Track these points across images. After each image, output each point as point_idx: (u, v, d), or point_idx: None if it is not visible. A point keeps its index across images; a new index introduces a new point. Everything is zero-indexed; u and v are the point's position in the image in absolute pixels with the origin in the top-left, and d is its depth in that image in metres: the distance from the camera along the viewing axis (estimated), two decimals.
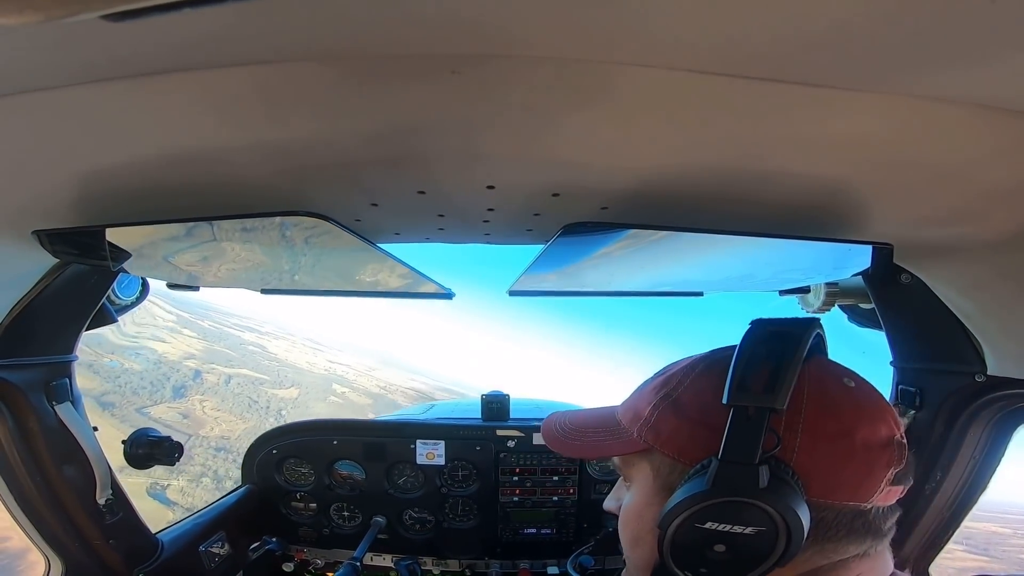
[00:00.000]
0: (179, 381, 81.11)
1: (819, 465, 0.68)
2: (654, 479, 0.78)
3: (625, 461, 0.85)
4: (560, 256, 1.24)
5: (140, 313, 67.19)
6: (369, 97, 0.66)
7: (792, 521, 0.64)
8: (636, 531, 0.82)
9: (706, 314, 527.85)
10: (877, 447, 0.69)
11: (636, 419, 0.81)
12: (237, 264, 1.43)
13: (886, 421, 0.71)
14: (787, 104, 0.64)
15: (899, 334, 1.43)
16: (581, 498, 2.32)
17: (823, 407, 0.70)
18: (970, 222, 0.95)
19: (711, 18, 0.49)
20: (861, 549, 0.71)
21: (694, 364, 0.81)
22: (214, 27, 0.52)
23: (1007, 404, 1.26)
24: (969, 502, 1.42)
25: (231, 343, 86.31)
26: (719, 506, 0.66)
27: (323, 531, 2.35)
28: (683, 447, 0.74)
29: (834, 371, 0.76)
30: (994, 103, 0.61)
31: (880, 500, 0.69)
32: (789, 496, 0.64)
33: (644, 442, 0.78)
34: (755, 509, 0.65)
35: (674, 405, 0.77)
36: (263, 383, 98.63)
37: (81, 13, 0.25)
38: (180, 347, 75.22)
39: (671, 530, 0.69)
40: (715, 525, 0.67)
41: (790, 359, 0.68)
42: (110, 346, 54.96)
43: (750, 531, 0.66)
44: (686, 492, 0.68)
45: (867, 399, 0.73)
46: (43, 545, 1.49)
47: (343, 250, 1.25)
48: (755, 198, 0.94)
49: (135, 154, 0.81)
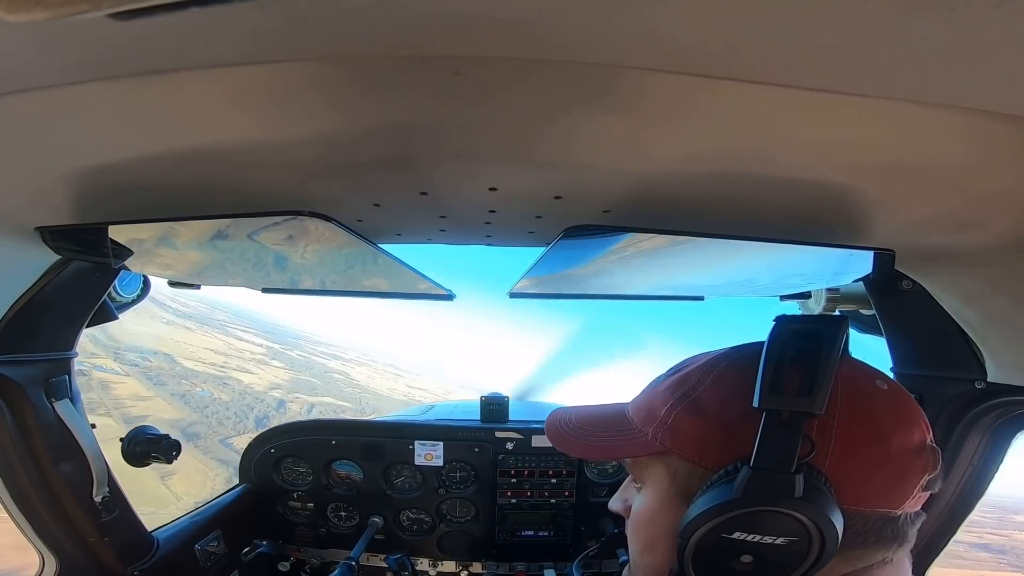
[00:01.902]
0: (262, 412, 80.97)
1: (852, 472, 0.64)
2: (670, 483, 0.74)
3: (637, 462, 0.80)
4: (561, 259, 1.24)
5: (231, 344, 67.20)
6: (372, 98, 0.66)
7: (827, 531, 0.61)
8: (649, 537, 0.78)
9: (707, 317, 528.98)
10: (911, 453, 0.66)
11: (651, 419, 0.77)
12: (239, 263, 1.43)
13: (919, 426, 0.68)
14: (790, 109, 0.64)
15: (899, 340, 1.43)
16: (579, 501, 2.31)
17: (858, 411, 0.66)
18: (972, 229, 0.95)
19: (715, 22, 0.49)
20: (886, 556, 0.68)
21: (715, 362, 0.76)
22: (219, 26, 0.52)
23: (1007, 411, 1.26)
24: (967, 508, 1.42)
25: (316, 372, 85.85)
26: (750, 516, 0.63)
27: (320, 531, 2.34)
28: (703, 450, 0.70)
29: (866, 372, 0.72)
30: (998, 109, 0.61)
31: (911, 506, 0.67)
32: (824, 505, 0.61)
33: (660, 444, 0.74)
34: (789, 519, 0.62)
35: (693, 405, 0.73)
36: (345, 411, 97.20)
37: (88, 11, 0.25)
38: (267, 378, 74.71)
39: (694, 539, 0.65)
40: (743, 535, 0.63)
41: (826, 359, 0.64)
42: (204, 376, 55.03)
43: (781, 541, 0.63)
44: (712, 500, 0.64)
45: (901, 402, 0.70)
46: (38, 542, 1.48)
47: (344, 250, 1.25)
48: (757, 203, 0.94)
49: (139, 152, 0.81)
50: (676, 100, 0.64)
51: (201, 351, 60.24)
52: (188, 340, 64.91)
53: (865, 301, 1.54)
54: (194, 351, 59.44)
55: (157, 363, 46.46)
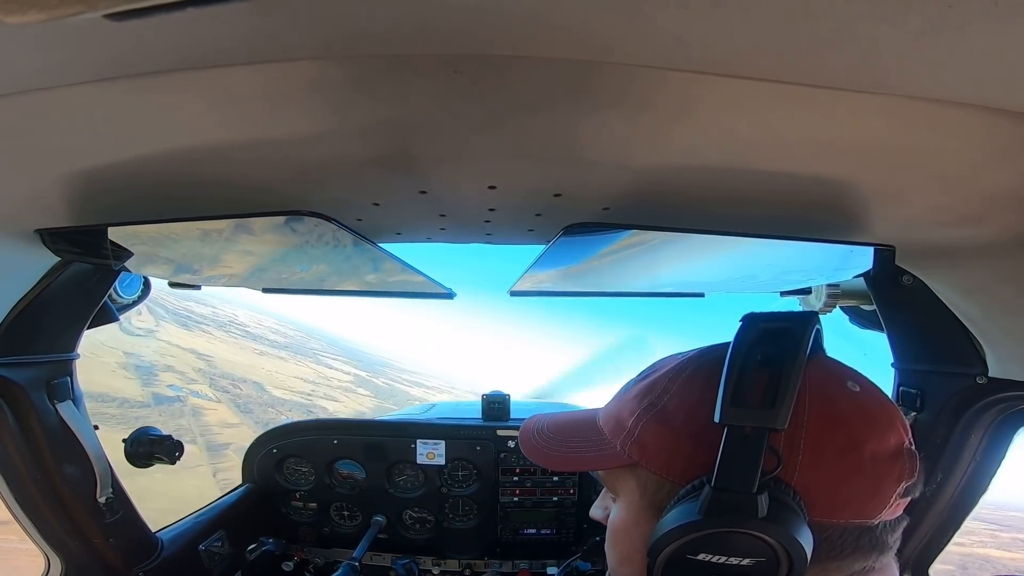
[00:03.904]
0: None
1: (824, 483, 0.61)
2: (640, 496, 0.71)
3: (609, 473, 0.78)
4: (561, 256, 1.24)
5: (321, 372, 67.04)
6: (371, 97, 0.66)
7: (794, 550, 0.58)
8: (624, 550, 0.75)
9: (708, 312, 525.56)
10: (886, 459, 0.63)
11: (619, 430, 0.74)
12: (239, 263, 1.43)
13: (895, 428, 0.65)
14: (789, 105, 0.64)
15: (900, 336, 1.43)
16: (581, 499, 2.32)
17: (827, 418, 0.63)
18: (972, 224, 0.95)
19: (712, 18, 0.49)
20: (866, 564, 0.65)
21: (681, 368, 0.73)
22: (217, 26, 0.52)
23: (1008, 406, 1.26)
24: (969, 504, 1.42)
25: (400, 400, 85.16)
26: (712, 537, 0.60)
27: (323, 530, 2.35)
28: (671, 464, 0.67)
29: (837, 373, 0.69)
30: (997, 105, 0.61)
31: (888, 515, 0.64)
32: (790, 523, 0.58)
33: (628, 457, 0.71)
34: (753, 539, 0.59)
35: (659, 416, 0.70)
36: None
37: (85, 12, 0.25)
38: (352, 406, 73.77)
39: (661, 558, 0.63)
40: (708, 557, 0.61)
41: (791, 366, 0.61)
42: (290, 404, 55.01)
43: (747, 563, 0.60)
44: (676, 520, 0.62)
45: (874, 405, 0.67)
46: (43, 543, 1.49)
47: (344, 249, 1.25)
48: (757, 199, 0.94)
49: (138, 153, 0.81)
50: (675, 96, 0.64)
51: (291, 379, 60.11)
52: (280, 369, 64.90)
53: (866, 296, 1.54)
54: (284, 379, 59.29)
55: (247, 390, 46.51)
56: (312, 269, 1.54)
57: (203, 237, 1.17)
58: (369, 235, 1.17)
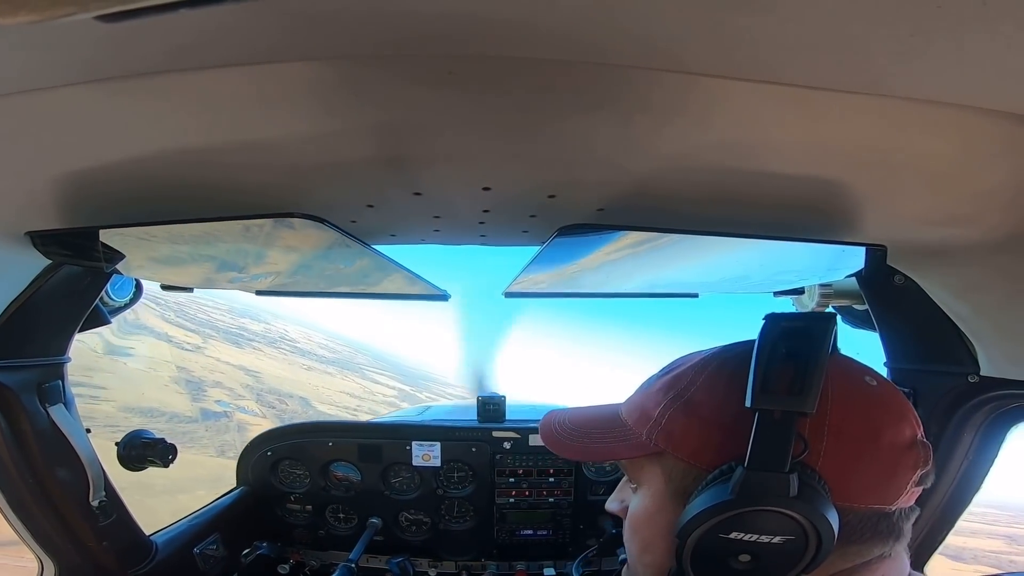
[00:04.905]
0: None
1: (845, 469, 0.65)
2: (666, 483, 0.74)
3: (633, 463, 0.80)
4: (556, 258, 1.24)
5: (367, 387, 66.92)
6: (364, 98, 0.66)
7: (823, 528, 0.62)
8: (647, 538, 0.78)
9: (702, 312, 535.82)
10: (902, 448, 0.67)
11: (644, 420, 0.77)
12: (231, 266, 1.43)
13: (909, 421, 0.69)
14: (781, 106, 0.65)
15: (892, 335, 1.44)
16: (577, 499, 2.32)
17: (848, 408, 0.67)
18: (963, 224, 0.96)
19: (705, 20, 0.49)
20: (884, 550, 0.69)
21: (706, 362, 0.76)
22: (209, 27, 0.52)
23: (1000, 404, 1.27)
24: (962, 503, 1.43)
25: None
26: (746, 516, 0.63)
27: (319, 533, 2.34)
28: (698, 451, 0.71)
29: (855, 369, 0.73)
30: (987, 105, 0.62)
31: (904, 502, 0.68)
32: (819, 503, 0.62)
33: (655, 445, 0.74)
34: (784, 518, 0.62)
35: (686, 406, 0.73)
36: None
37: (76, 14, 0.25)
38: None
39: (691, 540, 0.66)
40: (740, 535, 0.64)
41: (816, 358, 0.64)
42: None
43: (778, 540, 0.63)
44: (708, 501, 0.65)
45: (891, 398, 0.71)
46: (36, 547, 1.47)
47: (338, 252, 1.25)
48: (749, 200, 0.94)
49: (129, 155, 0.81)
50: (668, 98, 0.64)
51: (337, 394, 59.64)
52: (327, 384, 64.46)
53: (858, 296, 1.54)
54: (330, 394, 58.77)
55: (292, 406, 46.09)
56: (305, 271, 1.53)
57: (196, 240, 1.17)
58: (363, 237, 1.17)
